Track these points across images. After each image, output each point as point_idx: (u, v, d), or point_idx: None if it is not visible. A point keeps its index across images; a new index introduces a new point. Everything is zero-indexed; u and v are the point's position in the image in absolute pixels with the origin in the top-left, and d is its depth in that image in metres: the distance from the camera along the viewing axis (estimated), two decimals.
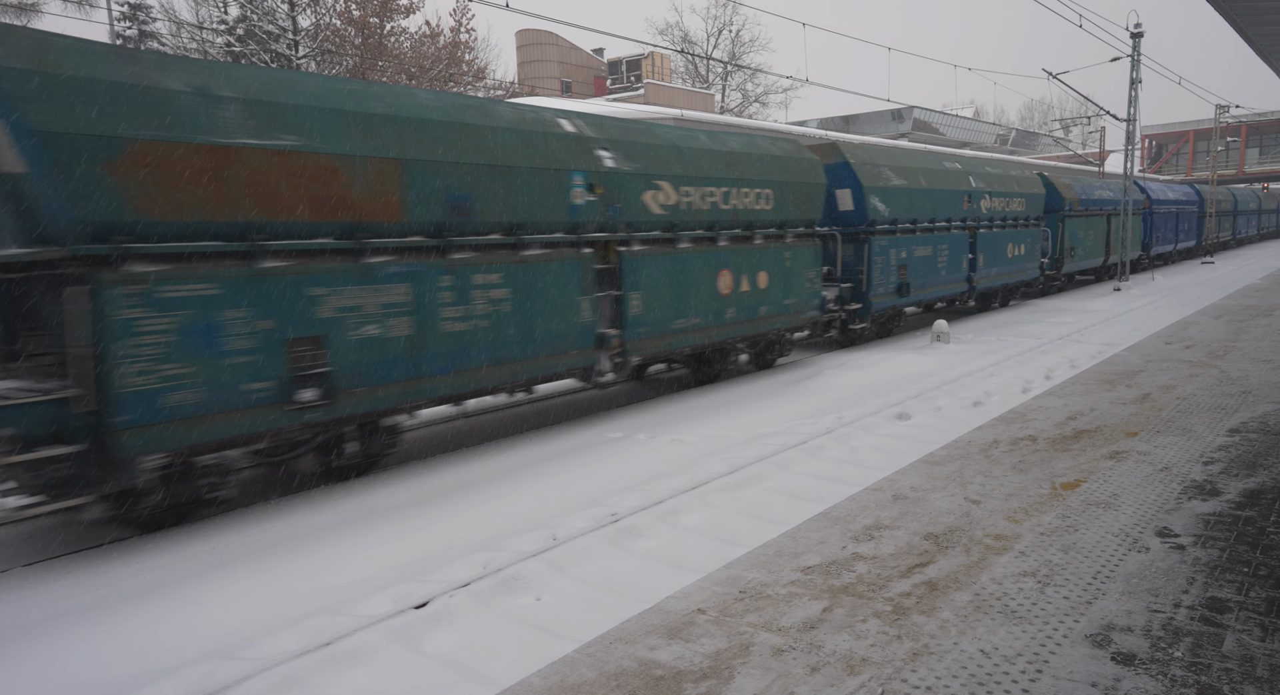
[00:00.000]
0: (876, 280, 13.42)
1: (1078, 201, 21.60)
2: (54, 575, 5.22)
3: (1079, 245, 21.72)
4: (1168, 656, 3.02)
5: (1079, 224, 21.63)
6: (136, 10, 32.48)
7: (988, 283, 17.18)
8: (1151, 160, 66.04)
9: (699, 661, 3.08)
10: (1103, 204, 23.10)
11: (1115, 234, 23.97)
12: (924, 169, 15.04)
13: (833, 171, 13.07)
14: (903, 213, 14.00)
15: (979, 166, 17.54)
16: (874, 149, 15.56)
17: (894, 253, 13.86)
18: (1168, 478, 5.08)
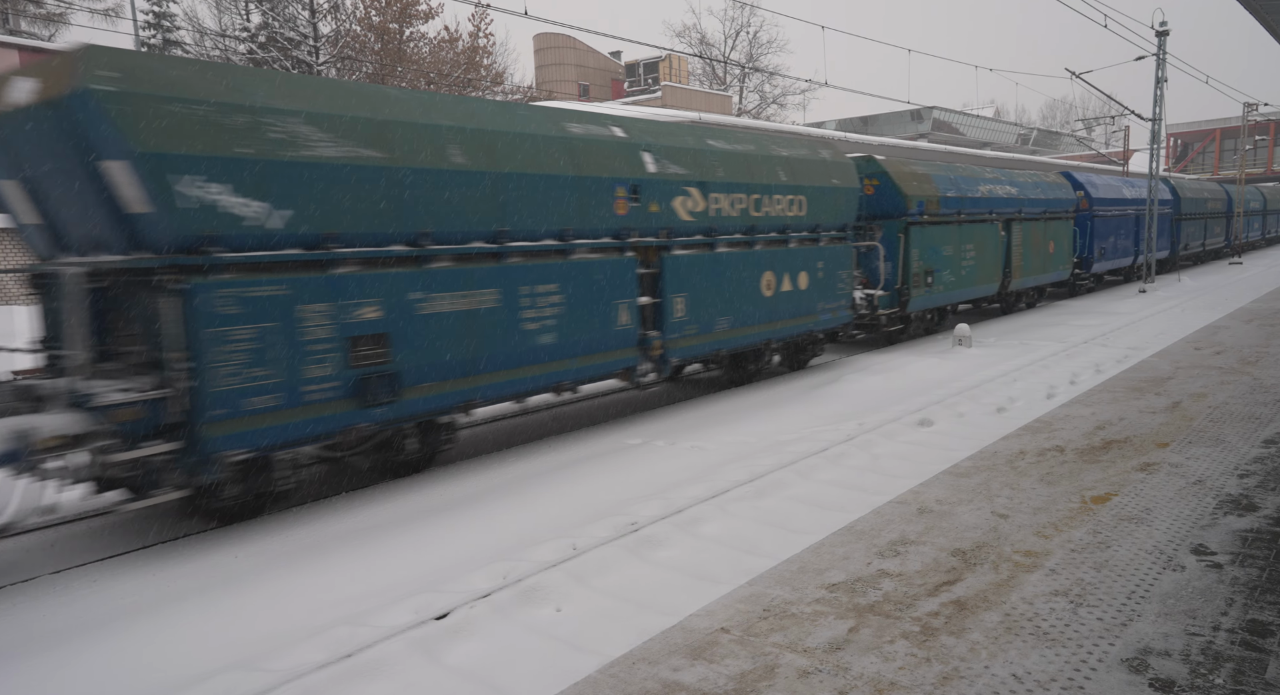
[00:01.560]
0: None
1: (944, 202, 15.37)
2: (77, 585, 5.26)
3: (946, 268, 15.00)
4: (1209, 684, 2.93)
5: None
6: (161, 18, 32.93)
7: None
8: (1177, 159, 65.11)
9: (723, 684, 3.03)
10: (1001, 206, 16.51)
11: (1012, 248, 17.02)
12: None
13: None
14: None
15: None
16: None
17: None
18: (1201, 491, 4.96)
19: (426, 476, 7.33)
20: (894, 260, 13.53)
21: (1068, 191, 19.76)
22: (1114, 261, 22.02)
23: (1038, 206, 18.05)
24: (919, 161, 15.53)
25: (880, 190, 13.73)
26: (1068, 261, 20.04)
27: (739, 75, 52.16)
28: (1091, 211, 20.43)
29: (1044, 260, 18.56)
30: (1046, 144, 69.48)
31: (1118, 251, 22.20)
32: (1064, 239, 19.66)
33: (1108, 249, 21.37)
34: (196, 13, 38.99)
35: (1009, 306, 18.54)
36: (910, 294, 13.70)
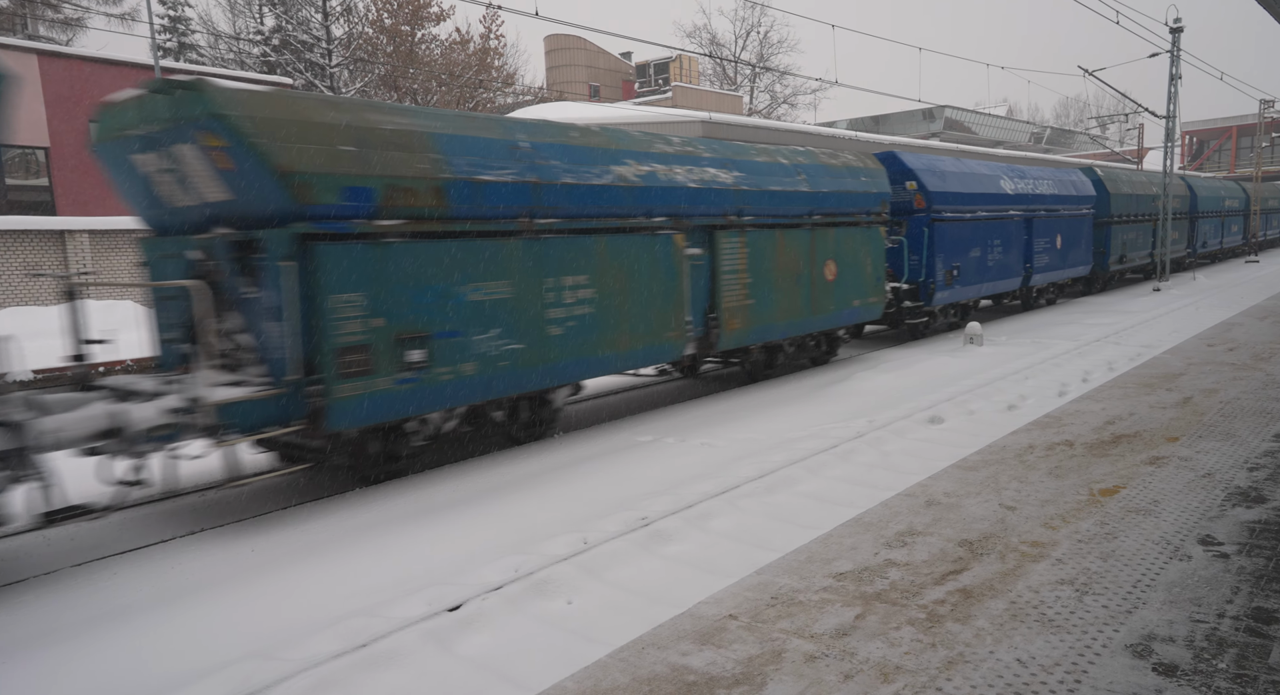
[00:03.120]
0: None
1: None
2: (99, 576, 5.36)
3: None
4: (1212, 668, 2.96)
5: None
6: (176, 23, 33.28)
7: None
8: (1193, 157, 64.55)
9: (731, 667, 3.08)
10: None
11: None
12: None
13: None
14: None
15: None
16: None
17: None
18: (1210, 484, 4.96)
19: (435, 473, 7.42)
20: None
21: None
22: (985, 286, 16.00)
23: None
24: None
25: None
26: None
27: (749, 75, 52.16)
28: (928, 218, 14.75)
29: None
30: (1060, 143, 69.04)
31: (1057, 262, 18.78)
32: (873, 263, 17.85)
33: (978, 269, 15.86)
34: (211, 16, 39.38)
35: (1029, 303, 19.18)
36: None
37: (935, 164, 14.62)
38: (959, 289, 14.77)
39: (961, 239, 14.78)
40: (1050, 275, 18.45)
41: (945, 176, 14.49)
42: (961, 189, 14.73)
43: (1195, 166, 63.12)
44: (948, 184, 14.44)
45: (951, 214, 14.51)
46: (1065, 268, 19.05)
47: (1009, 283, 16.69)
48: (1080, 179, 19.93)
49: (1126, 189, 22.05)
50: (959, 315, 15.77)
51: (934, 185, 14.05)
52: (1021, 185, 16.92)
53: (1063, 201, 18.50)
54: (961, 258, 14.74)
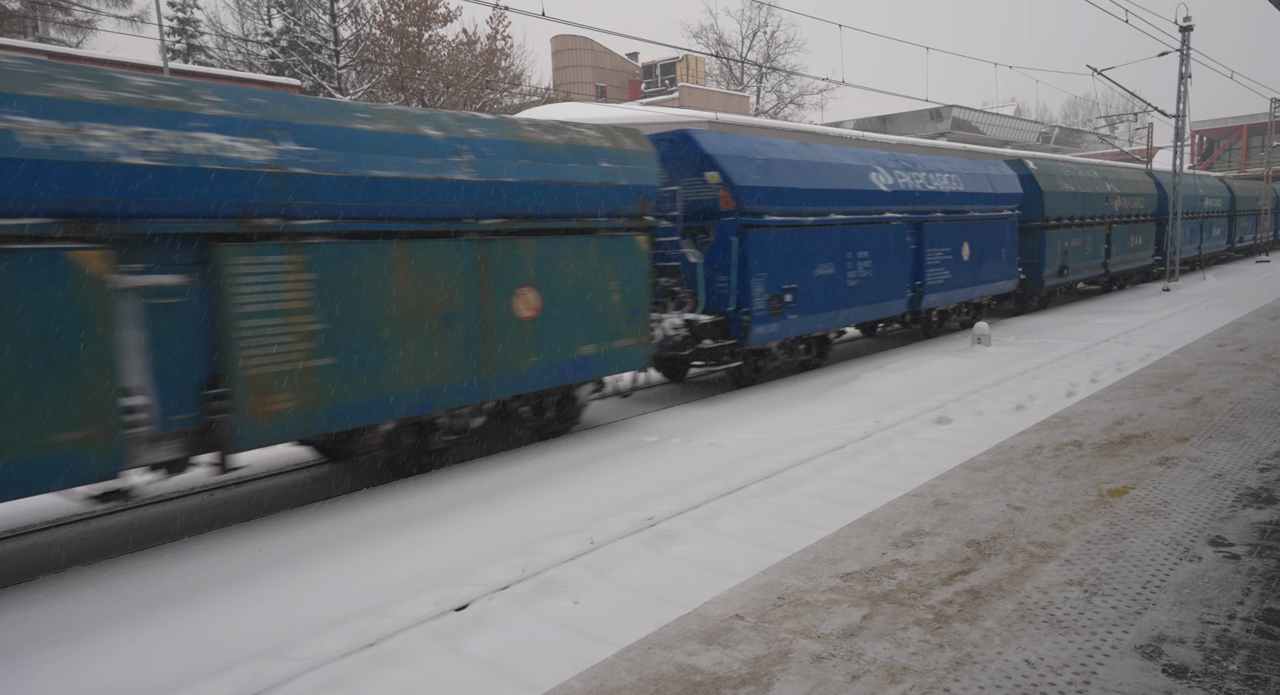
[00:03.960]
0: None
1: None
2: (109, 575, 5.39)
3: None
4: (1222, 670, 2.94)
5: None
6: (185, 25, 33.46)
7: None
8: (1202, 157, 64.18)
9: (738, 667, 3.08)
10: None
11: None
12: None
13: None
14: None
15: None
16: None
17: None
18: (1221, 485, 4.93)
19: (443, 475, 7.43)
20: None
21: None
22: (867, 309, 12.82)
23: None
24: None
25: None
26: None
27: (756, 75, 52.10)
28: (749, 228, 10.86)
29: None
30: (1069, 142, 68.76)
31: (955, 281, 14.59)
32: None
33: (868, 289, 12.52)
34: (220, 18, 39.59)
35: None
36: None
37: (753, 149, 10.59)
38: (796, 319, 10.87)
39: (798, 251, 10.81)
40: (955, 294, 14.44)
41: (767, 166, 10.48)
42: (795, 183, 10.77)
43: (1205, 166, 62.76)
44: (771, 177, 10.45)
45: (778, 218, 10.52)
46: (978, 284, 15.05)
47: (886, 307, 12.73)
48: (1003, 173, 15.99)
49: (1067, 186, 17.91)
50: (814, 351, 12.00)
51: (746, 177, 10.08)
52: (906, 180, 13.01)
53: (973, 201, 14.61)
54: (799, 277, 10.81)
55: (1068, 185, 18.04)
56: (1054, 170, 18.07)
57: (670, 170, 10.19)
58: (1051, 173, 17.80)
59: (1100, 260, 19.77)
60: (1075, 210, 18.29)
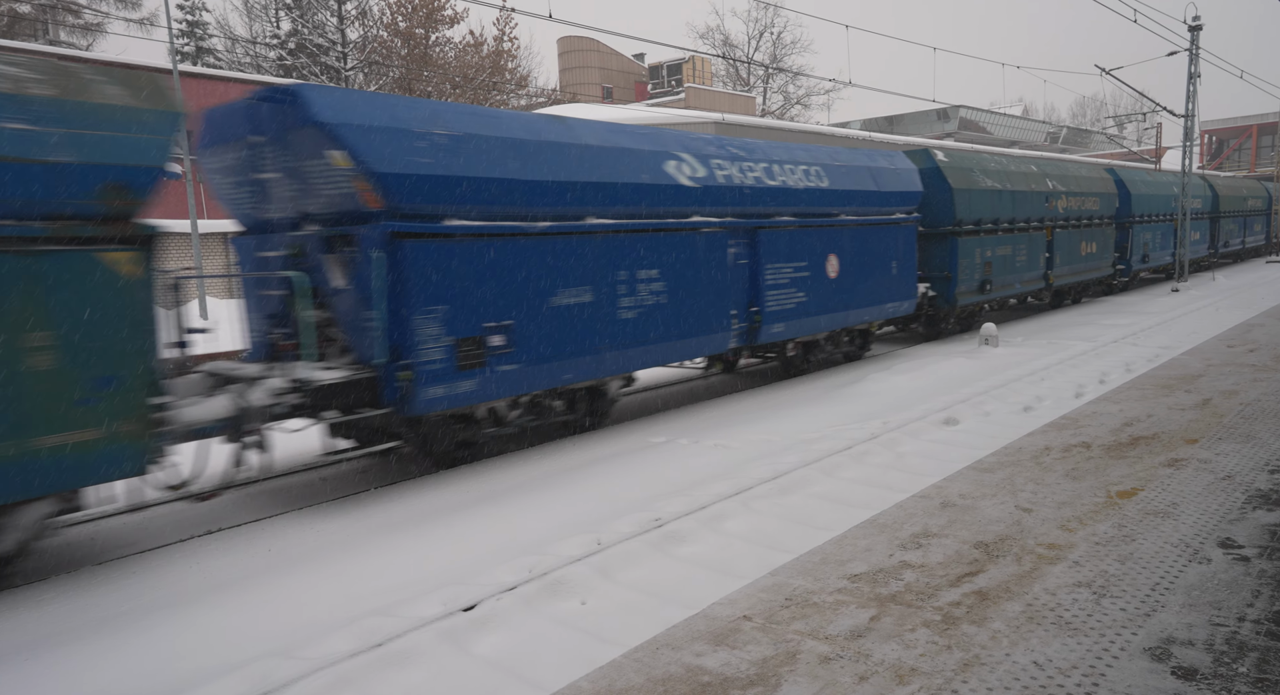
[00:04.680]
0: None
1: None
2: (119, 575, 5.43)
3: None
4: (1232, 672, 2.93)
5: None
6: (194, 27, 33.64)
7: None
8: (1212, 156, 63.84)
9: (746, 668, 3.08)
10: None
11: None
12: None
13: None
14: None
15: None
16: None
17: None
18: (1230, 487, 4.91)
19: (449, 475, 7.45)
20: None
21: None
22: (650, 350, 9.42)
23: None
24: None
25: None
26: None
27: (763, 76, 52.06)
28: None
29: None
30: (1077, 142, 68.50)
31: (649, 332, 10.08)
32: None
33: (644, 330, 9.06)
34: (228, 20, 39.77)
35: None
36: None
37: (421, 118, 6.84)
38: (514, 371, 7.43)
39: (517, 273, 7.40)
40: (819, 322, 11.08)
41: (453, 146, 6.91)
42: (508, 172, 7.28)
43: (1214, 165, 62.43)
44: (457, 161, 6.92)
45: (473, 223, 7.07)
46: (856, 307, 11.72)
47: (694, 344, 9.25)
48: (896, 167, 12.71)
49: (989, 183, 14.89)
50: (581, 408, 8.71)
51: (398, 160, 6.53)
52: (730, 173, 9.60)
53: (846, 201, 11.37)
54: (521, 309, 7.45)
55: (990, 182, 14.92)
56: (972, 164, 14.91)
57: (275, 150, 6.80)
58: (968, 166, 14.67)
59: (1039, 272, 16.61)
60: (1001, 212, 15.20)
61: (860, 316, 11.96)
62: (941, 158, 14.15)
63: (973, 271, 14.47)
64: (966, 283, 14.33)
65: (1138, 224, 21.12)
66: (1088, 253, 18.68)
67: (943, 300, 14.17)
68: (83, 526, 6.48)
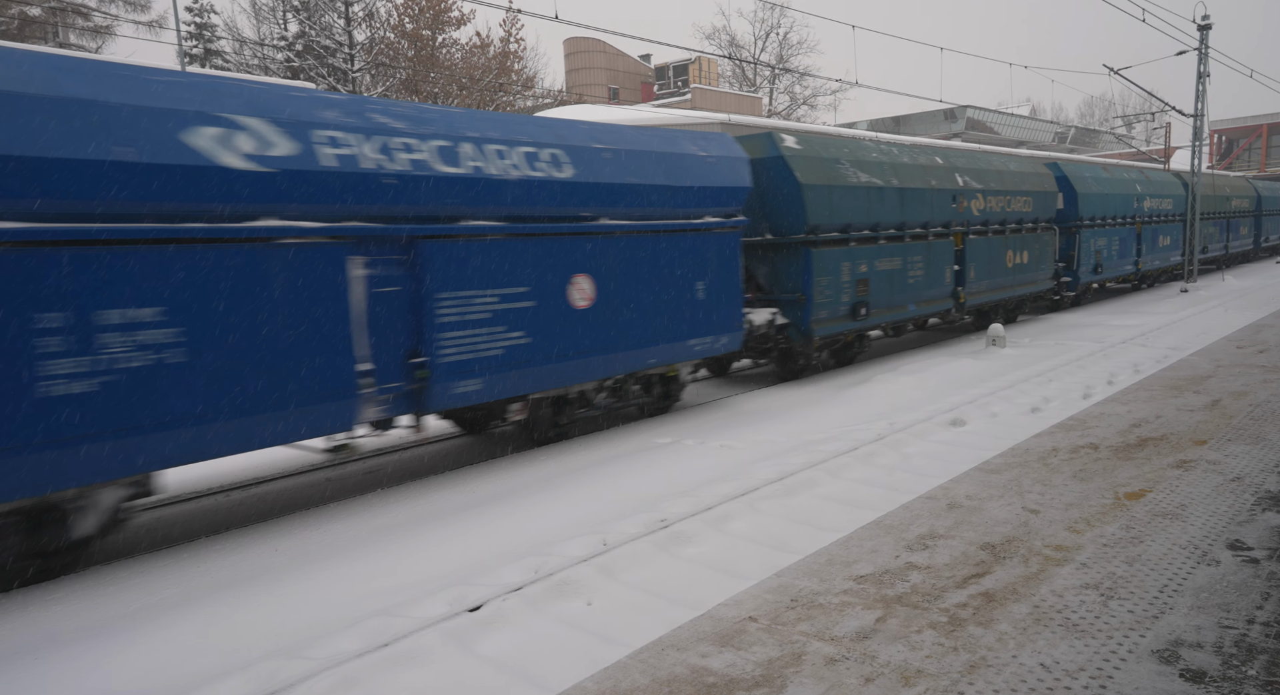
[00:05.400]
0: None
1: None
2: (126, 575, 5.45)
3: None
4: (1241, 675, 2.91)
5: None
6: (202, 29, 33.81)
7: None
8: (1221, 156, 63.48)
9: (751, 670, 3.08)
10: None
11: None
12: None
13: None
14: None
15: None
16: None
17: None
18: (1239, 488, 4.88)
19: (459, 474, 7.46)
20: None
21: None
22: None
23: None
24: None
25: None
26: None
27: (769, 76, 52.03)
28: None
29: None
30: (1085, 142, 68.23)
31: None
32: None
33: None
34: (236, 23, 39.98)
35: None
36: None
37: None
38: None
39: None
40: (551, 372, 7.72)
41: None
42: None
43: (1224, 165, 62.10)
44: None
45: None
46: (631, 347, 8.40)
47: (271, 426, 5.87)
48: (711, 155, 9.32)
49: (862, 178, 11.45)
50: None
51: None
52: (358, 151, 6.22)
53: (613, 198, 8.09)
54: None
55: (864, 176, 11.56)
56: (836, 152, 11.38)
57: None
58: (829, 156, 11.16)
59: (944, 289, 13.36)
60: (883, 215, 11.84)
61: (643, 359, 8.54)
62: (790, 144, 10.75)
63: (838, 292, 11.04)
64: (829, 306, 10.95)
65: (1087, 228, 17.85)
66: (1017, 264, 15.26)
67: (796, 332, 10.77)
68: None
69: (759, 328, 10.59)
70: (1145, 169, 23.56)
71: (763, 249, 11.09)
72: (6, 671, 4.21)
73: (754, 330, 10.50)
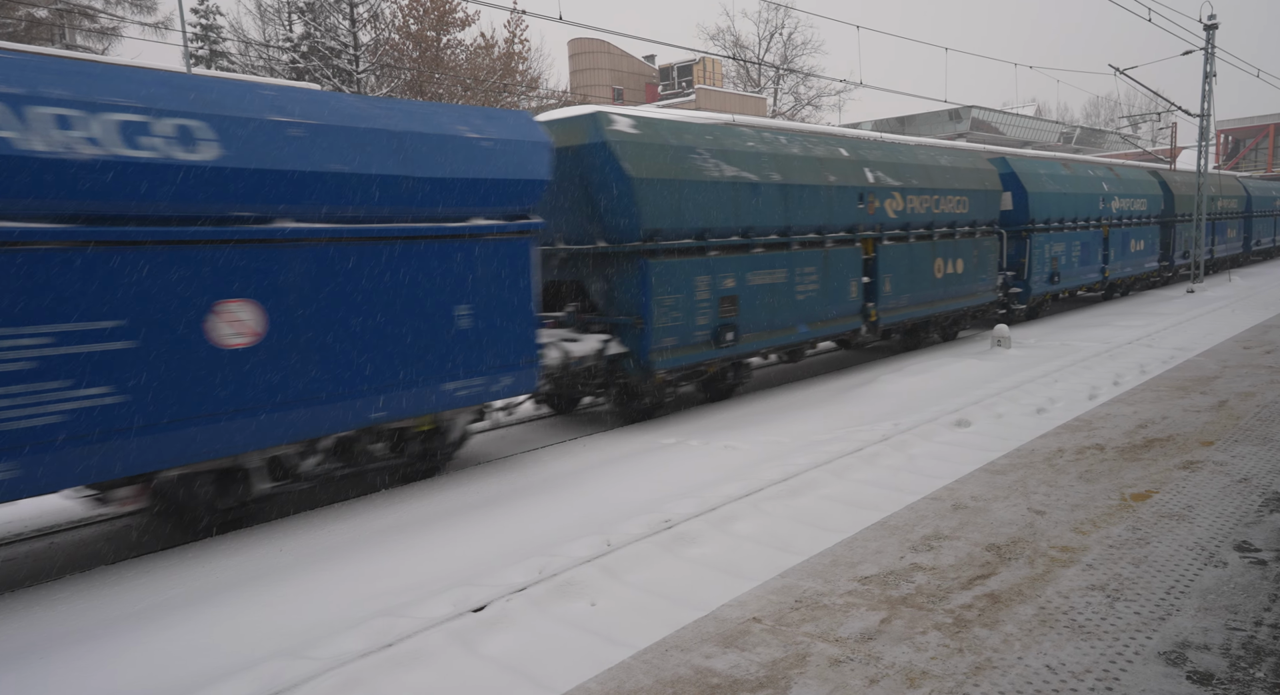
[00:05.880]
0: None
1: None
2: (133, 574, 5.46)
3: None
4: (1249, 677, 2.89)
5: None
6: (208, 31, 33.92)
7: None
8: (1228, 156, 63.23)
9: (755, 671, 3.07)
10: None
11: None
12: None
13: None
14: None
15: None
16: None
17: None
18: (1247, 489, 4.85)
19: (464, 475, 7.46)
20: None
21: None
22: None
23: None
24: None
25: None
26: None
27: (773, 77, 51.99)
28: None
29: None
30: (1090, 142, 68.02)
31: None
32: None
33: None
34: (242, 24, 40.13)
35: None
36: None
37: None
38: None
39: None
40: (183, 437, 5.42)
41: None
42: None
43: (1231, 165, 61.85)
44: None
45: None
46: (336, 399, 6.17)
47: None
48: (484, 137, 6.99)
49: (727, 172, 9.16)
50: None
51: None
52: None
53: (299, 193, 5.79)
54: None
55: (729, 170, 9.16)
56: (692, 139, 8.95)
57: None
58: (681, 144, 8.77)
59: (851, 306, 11.15)
60: (757, 218, 9.49)
61: (362, 413, 6.40)
62: (622, 127, 8.32)
63: (690, 313, 8.82)
64: (678, 331, 8.70)
65: (1041, 232, 15.77)
66: (949, 274, 13.13)
67: (633, 361, 8.59)
68: (88, 528, 6.52)
69: (581, 360, 8.23)
70: (1115, 166, 20.76)
71: (596, 260, 8.81)
72: (11, 671, 4.22)
73: (572, 363, 8.16)
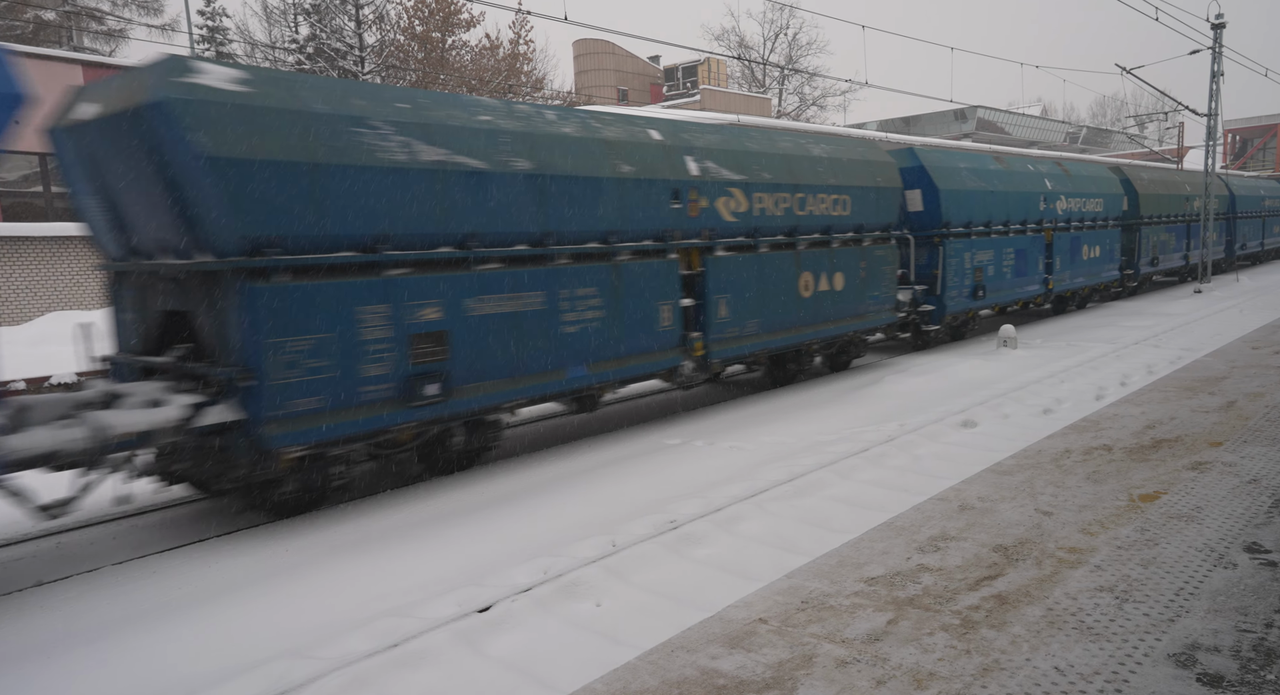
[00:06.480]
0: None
1: None
2: (140, 574, 5.47)
3: None
4: (1260, 679, 2.87)
5: None
6: (214, 32, 34.04)
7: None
8: (1235, 156, 62.93)
9: (761, 671, 3.06)
10: None
11: None
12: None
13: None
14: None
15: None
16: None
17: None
18: (1256, 490, 4.82)
19: (469, 475, 7.47)
20: None
21: None
22: None
23: None
24: None
25: None
26: None
27: (778, 77, 51.94)
28: None
29: None
30: (1097, 142, 67.77)
31: None
32: None
33: None
34: (248, 26, 40.26)
35: None
36: None
37: None
38: None
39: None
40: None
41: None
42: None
43: (1238, 165, 61.56)
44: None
45: None
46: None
47: None
48: None
49: (432, 156, 6.31)
50: None
51: None
52: None
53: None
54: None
55: (431, 152, 6.36)
56: (369, 109, 6.10)
57: None
58: (346, 114, 5.93)
59: (675, 336, 8.70)
60: (493, 223, 6.88)
61: None
62: (205, 81, 5.34)
63: (353, 361, 6.07)
64: (331, 388, 5.94)
65: (958, 238, 13.23)
66: (824, 292, 10.67)
67: (242, 438, 5.71)
68: (87, 530, 6.54)
69: (144, 437, 5.37)
70: (1063, 160, 18.62)
71: (201, 283, 5.82)
72: (14, 672, 4.23)
73: (112, 445, 5.24)
